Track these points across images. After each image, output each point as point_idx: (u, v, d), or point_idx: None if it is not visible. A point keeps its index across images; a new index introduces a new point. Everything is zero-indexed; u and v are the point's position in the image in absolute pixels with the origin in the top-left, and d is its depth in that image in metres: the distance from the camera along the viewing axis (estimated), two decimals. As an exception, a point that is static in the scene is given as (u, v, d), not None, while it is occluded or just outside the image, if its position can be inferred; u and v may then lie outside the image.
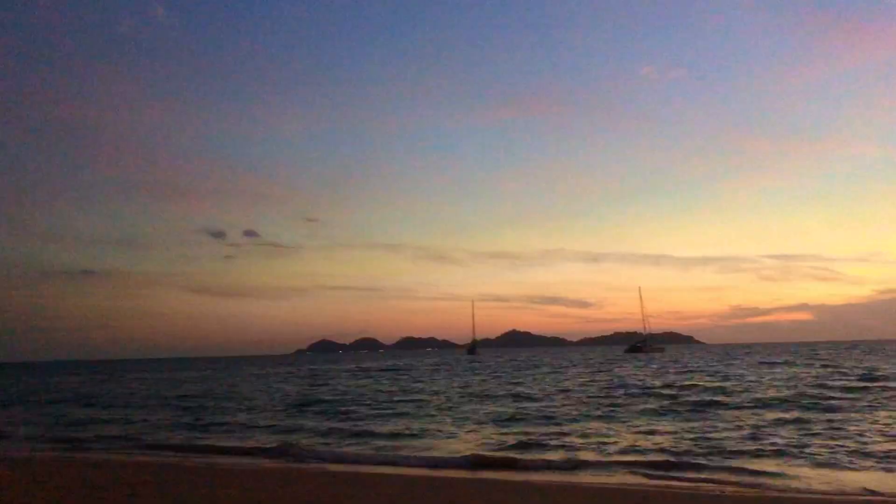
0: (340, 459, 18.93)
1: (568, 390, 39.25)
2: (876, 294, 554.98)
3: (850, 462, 16.56)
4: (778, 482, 14.71)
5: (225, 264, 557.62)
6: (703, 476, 15.69)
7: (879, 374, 48.96)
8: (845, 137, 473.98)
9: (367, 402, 34.83)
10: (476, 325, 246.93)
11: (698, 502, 12.43)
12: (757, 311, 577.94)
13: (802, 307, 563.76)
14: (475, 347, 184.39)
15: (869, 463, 16.40)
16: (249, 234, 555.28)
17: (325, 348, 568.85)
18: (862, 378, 44.40)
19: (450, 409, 30.67)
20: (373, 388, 46.40)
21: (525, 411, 28.41)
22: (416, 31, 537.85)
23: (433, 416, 27.95)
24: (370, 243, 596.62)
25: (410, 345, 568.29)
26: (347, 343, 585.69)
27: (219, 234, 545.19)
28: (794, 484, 14.46)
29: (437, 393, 40.59)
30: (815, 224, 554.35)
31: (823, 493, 13.41)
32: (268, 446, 20.96)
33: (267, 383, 58.07)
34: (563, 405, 30.75)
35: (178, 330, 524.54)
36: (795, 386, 39.12)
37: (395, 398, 37.31)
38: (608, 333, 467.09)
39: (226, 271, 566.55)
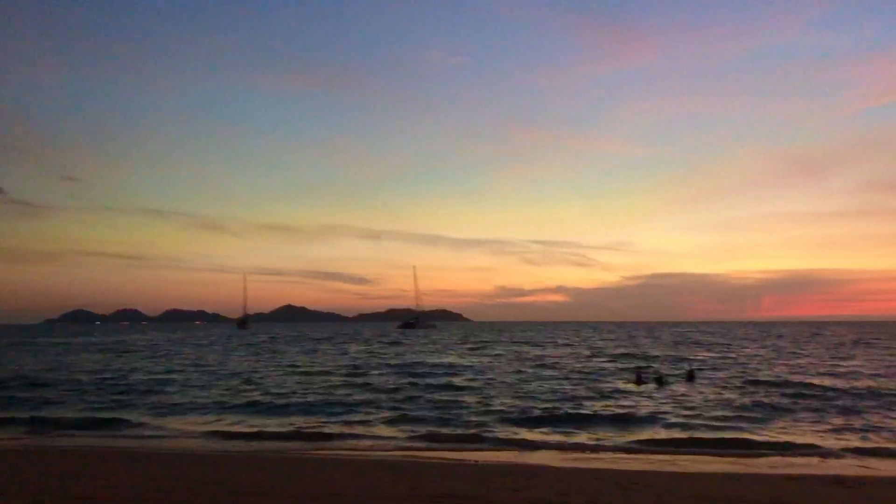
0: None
1: (328, 371, 37.91)
2: (623, 280, 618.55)
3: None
4: (529, 454, 15.39)
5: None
6: (457, 448, 16.28)
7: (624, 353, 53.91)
8: (606, 135, 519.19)
9: (86, 383, 30.49)
10: (249, 298, 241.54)
11: (461, 470, 13.18)
12: (520, 292, 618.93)
13: (560, 289, 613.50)
14: (246, 321, 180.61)
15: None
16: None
17: (79, 318, 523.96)
18: (594, 356, 48.66)
19: (190, 392, 27.63)
20: (107, 367, 41.61)
21: (280, 395, 26.98)
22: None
23: (151, 402, 24.58)
24: (136, 208, 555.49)
25: (177, 317, 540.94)
26: (106, 314, 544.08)
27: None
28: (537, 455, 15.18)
29: (178, 371, 37.56)
30: (574, 214, 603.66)
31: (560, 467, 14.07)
32: None
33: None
34: (320, 385, 29.92)
35: None
36: (550, 364, 41.87)
37: (121, 380, 32.15)
38: (383, 310, 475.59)
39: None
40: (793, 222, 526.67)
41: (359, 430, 19.03)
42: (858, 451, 16.08)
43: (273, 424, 19.92)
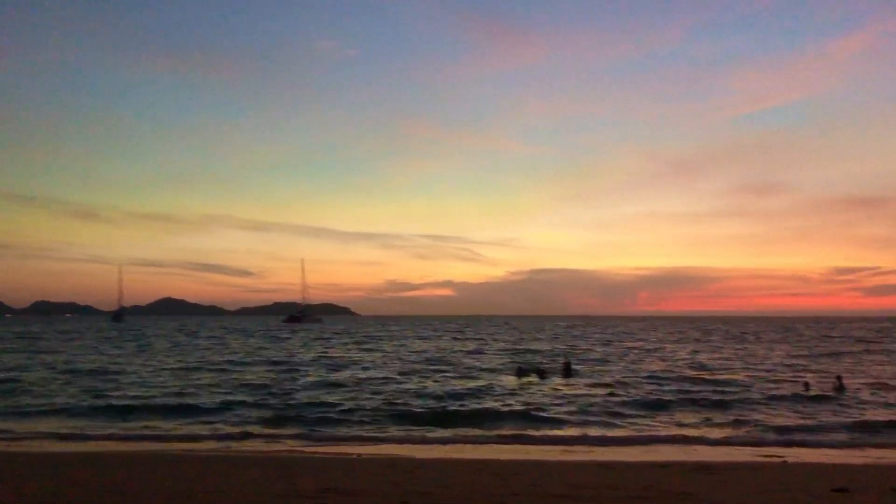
0: None
1: (205, 367, 36.12)
2: (509, 275, 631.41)
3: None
4: (412, 448, 15.44)
5: None
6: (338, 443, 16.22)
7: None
8: (494, 133, 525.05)
9: None
10: (125, 290, 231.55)
11: (342, 465, 13.31)
12: (409, 286, 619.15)
13: (447, 284, 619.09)
14: (121, 314, 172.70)
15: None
16: None
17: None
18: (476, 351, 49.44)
19: (48, 390, 25.45)
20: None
21: (150, 395, 24.87)
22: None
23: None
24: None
25: (46, 309, 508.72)
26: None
27: None
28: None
29: (38, 367, 34.90)
30: (462, 209, 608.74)
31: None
32: None
33: None
34: (195, 383, 28.47)
35: None
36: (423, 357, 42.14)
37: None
38: (268, 304, 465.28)
39: None
40: (668, 222, 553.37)
41: (235, 429, 18.41)
42: (724, 441, 17.09)
43: (140, 427, 18.86)
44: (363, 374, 31.42)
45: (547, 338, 75.18)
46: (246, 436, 17.50)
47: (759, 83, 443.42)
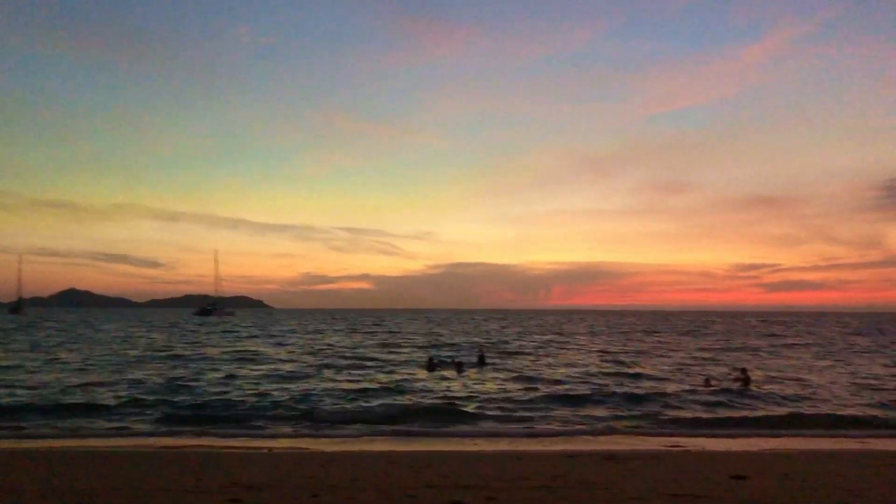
0: None
1: (102, 364, 34.34)
2: (427, 268, 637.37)
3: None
4: (323, 442, 15.27)
5: None
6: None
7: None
8: (413, 126, 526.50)
9: None
10: (25, 281, 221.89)
11: (252, 460, 13.02)
12: (325, 279, 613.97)
13: (365, 277, 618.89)
14: (20, 306, 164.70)
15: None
16: None
17: None
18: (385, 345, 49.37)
19: None
20: None
21: (38, 392, 23.21)
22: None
23: None
24: None
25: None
26: None
27: None
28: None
29: None
30: (381, 202, 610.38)
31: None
32: None
33: None
34: (91, 380, 26.80)
35: None
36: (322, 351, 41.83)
37: None
38: (178, 296, 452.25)
39: None
40: (582, 218, 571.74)
41: (139, 426, 17.76)
42: (631, 431, 17.68)
43: (35, 425, 17.81)
44: (274, 369, 30.86)
45: (463, 331, 75.82)
46: (152, 433, 16.96)
47: (671, 85, 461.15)
